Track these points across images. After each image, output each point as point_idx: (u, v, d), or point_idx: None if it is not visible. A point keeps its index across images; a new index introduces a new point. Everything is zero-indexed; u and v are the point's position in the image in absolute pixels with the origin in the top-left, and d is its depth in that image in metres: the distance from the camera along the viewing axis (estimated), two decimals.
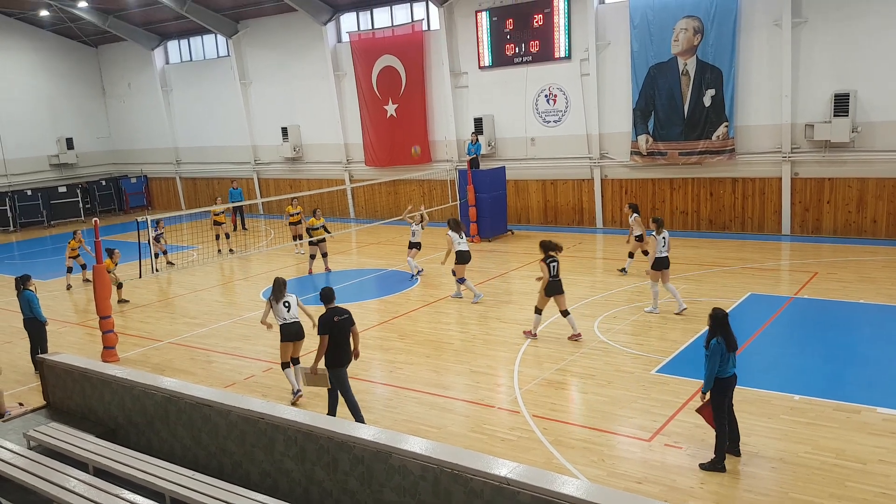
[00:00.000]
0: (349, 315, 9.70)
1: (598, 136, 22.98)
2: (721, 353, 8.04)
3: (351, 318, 9.72)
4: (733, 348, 8.17)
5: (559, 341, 12.79)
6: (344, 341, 9.64)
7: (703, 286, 15.66)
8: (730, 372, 8.20)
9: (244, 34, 30.65)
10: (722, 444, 8.13)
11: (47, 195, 33.73)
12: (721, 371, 8.10)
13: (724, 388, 8.17)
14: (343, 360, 9.67)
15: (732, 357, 8.20)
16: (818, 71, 19.30)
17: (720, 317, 8.20)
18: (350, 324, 9.70)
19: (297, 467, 7.29)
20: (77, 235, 20.06)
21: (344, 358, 9.67)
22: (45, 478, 7.40)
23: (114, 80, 36.68)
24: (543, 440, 9.12)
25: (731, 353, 8.17)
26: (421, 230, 18.42)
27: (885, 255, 17.51)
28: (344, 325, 9.60)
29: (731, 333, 8.20)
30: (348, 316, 9.68)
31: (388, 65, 26.67)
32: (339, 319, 9.55)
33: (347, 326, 9.67)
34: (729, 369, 8.18)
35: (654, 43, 21.22)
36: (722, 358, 8.06)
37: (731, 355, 8.18)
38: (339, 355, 9.62)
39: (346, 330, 9.64)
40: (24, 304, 12.67)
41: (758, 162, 20.64)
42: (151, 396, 8.74)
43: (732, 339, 8.19)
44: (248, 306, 16.80)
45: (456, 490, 6.07)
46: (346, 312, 9.68)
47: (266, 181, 32.14)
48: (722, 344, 8.06)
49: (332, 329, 9.48)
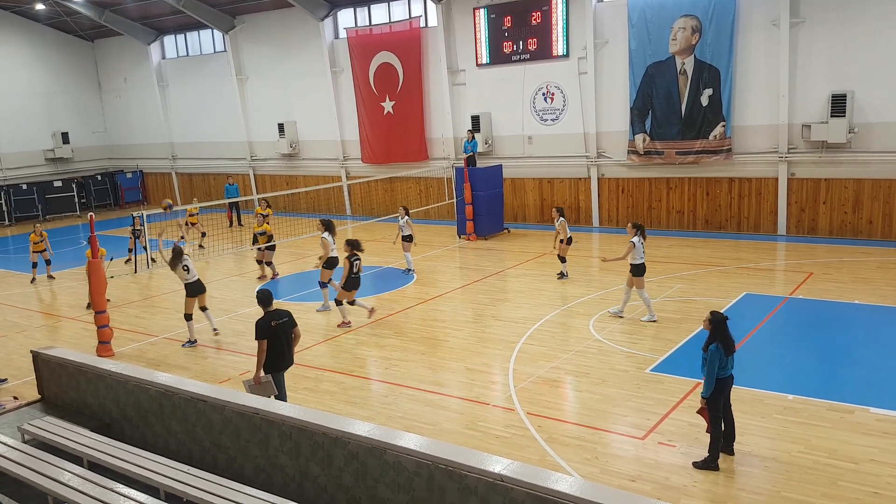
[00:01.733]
0: (289, 318, 9.37)
1: (596, 135, 22.99)
2: (720, 357, 8.08)
3: (291, 320, 9.39)
4: (731, 352, 8.21)
5: (554, 339, 12.82)
6: (283, 346, 9.26)
7: (698, 286, 15.69)
8: (727, 372, 8.23)
9: (241, 29, 30.60)
10: (716, 443, 8.16)
11: (42, 189, 33.68)
12: (719, 372, 8.14)
13: (720, 387, 8.19)
14: (281, 365, 9.33)
15: (731, 358, 8.24)
16: (815, 71, 19.33)
17: (719, 321, 8.21)
18: (290, 326, 9.38)
19: (292, 463, 7.29)
20: (37, 229, 19.81)
21: (282, 363, 9.32)
22: (39, 471, 7.38)
23: (110, 74, 36.60)
24: (538, 437, 9.14)
25: (732, 355, 8.22)
26: (406, 223, 18.16)
27: (880, 255, 17.56)
28: (283, 329, 9.27)
29: (729, 337, 8.24)
30: (288, 319, 9.34)
31: (386, 61, 26.64)
32: (277, 324, 9.20)
33: (287, 330, 9.34)
34: (727, 370, 8.22)
35: (652, 42, 21.23)
36: (721, 361, 8.10)
37: (731, 358, 8.23)
38: (278, 360, 9.25)
39: (285, 334, 9.29)
40: None
41: (754, 162, 20.67)
42: (146, 391, 8.73)
43: (730, 343, 8.23)
44: (243, 302, 16.78)
45: (450, 486, 6.08)
46: (285, 315, 9.34)
47: (262, 177, 32.09)
48: (720, 349, 8.09)
49: (270, 334, 9.12)
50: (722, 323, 8.21)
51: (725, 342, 8.15)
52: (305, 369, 12.02)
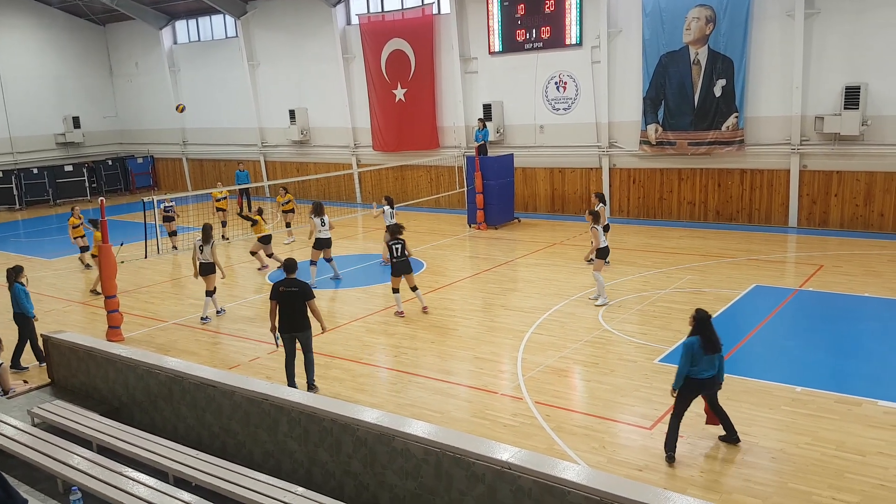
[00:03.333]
0: (300, 289, 10.17)
1: (608, 125, 22.88)
2: (692, 352, 7.98)
3: (302, 292, 10.16)
4: (712, 350, 8.07)
5: (563, 329, 12.81)
6: (289, 311, 10.16)
7: (708, 277, 15.64)
8: (704, 374, 8.08)
9: (253, 15, 30.56)
10: (671, 438, 8.16)
11: (53, 174, 33.80)
12: (694, 371, 8.05)
13: (693, 386, 8.12)
14: (284, 328, 10.27)
15: (711, 359, 8.11)
16: (830, 63, 19.16)
17: (702, 318, 8.17)
18: (298, 297, 10.13)
19: (301, 448, 7.33)
20: (75, 212, 19.59)
21: (286, 325, 10.24)
22: (49, 454, 7.45)
23: (121, 59, 36.65)
24: (545, 426, 9.15)
25: (711, 355, 8.08)
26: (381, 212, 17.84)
27: (892, 249, 17.44)
28: (288, 297, 10.12)
29: (711, 335, 8.11)
30: (298, 290, 10.15)
31: (398, 48, 26.56)
32: (285, 290, 10.14)
33: (294, 299, 10.12)
34: (703, 371, 8.08)
35: (666, 31, 21.08)
36: (694, 358, 7.99)
37: (711, 358, 8.10)
38: (284, 322, 10.27)
39: (291, 301, 10.11)
40: (12, 298, 12.11)
41: (767, 153, 20.54)
42: (156, 376, 8.78)
43: (712, 342, 8.09)
44: (253, 289, 16.84)
45: (458, 473, 6.11)
46: (296, 286, 10.18)
47: (273, 164, 32.13)
48: (695, 343, 8.00)
49: (278, 297, 10.19)
50: (704, 320, 8.15)
51: (705, 339, 8.05)
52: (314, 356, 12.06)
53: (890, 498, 7.28)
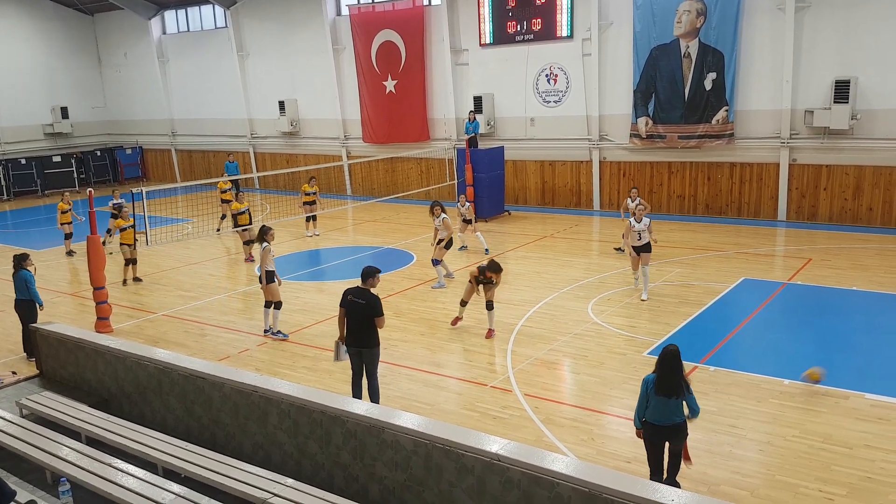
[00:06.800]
0: (367, 302, 9.16)
1: (598, 118, 22.89)
2: (647, 390, 7.00)
3: (369, 305, 9.15)
4: (665, 392, 6.85)
5: (553, 322, 12.84)
6: (355, 323, 9.26)
7: (697, 270, 15.70)
8: (661, 420, 6.95)
9: (242, 5, 30.37)
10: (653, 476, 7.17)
11: (41, 164, 33.59)
12: (650, 414, 7.01)
13: (654, 432, 7.04)
14: (350, 340, 9.35)
15: (665, 402, 6.89)
16: (820, 57, 19.22)
17: (663, 357, 6.99)
18: (363, 308, 9.16)
19: (290, 440, 7.33)
20: (66, 197, 19.46)
21: (351, 338, 9.33)
22: (37, 446, 7.42)
23: (110, 49, 36.39)
24: (535, 418, 9.18)
25: (665, 397, 6.87)
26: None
27: (879, 243, 17.56)
28: (353, 307, 9.21)
29: (670, 378, 6.87)
30: (365, 302, 9.16)
31: (388, 39, 26.46)
32: (352, 300, 9.22)
33: (357, 310, 9.19)
34: (661, 416, 6.94)
35: (657, 24, 21.09)
36: (648, 398, 6.98)
37: (665, 401, 6.89)
38: (350, 334, 9.37)
39: (355, 313, 9.21)
40: (20, 284, 11.85)
41: (756, 147, 20.61)
42: (145, 367, 8.75)
43: (668, 383, 6.86)
44: (243, 280, 16.80)
45: (447, 465, 6.12)
46: (362, 298, 9.20)
47: (262, 155, 32.01)
48: (650, 381, 7.00)
49: (343, 303, 9.32)
50: (665, 358, 6.96)
51: (660, 378, 6.91)
52: (304, 348, 12.07)
53: (876, 490, 7.35)
